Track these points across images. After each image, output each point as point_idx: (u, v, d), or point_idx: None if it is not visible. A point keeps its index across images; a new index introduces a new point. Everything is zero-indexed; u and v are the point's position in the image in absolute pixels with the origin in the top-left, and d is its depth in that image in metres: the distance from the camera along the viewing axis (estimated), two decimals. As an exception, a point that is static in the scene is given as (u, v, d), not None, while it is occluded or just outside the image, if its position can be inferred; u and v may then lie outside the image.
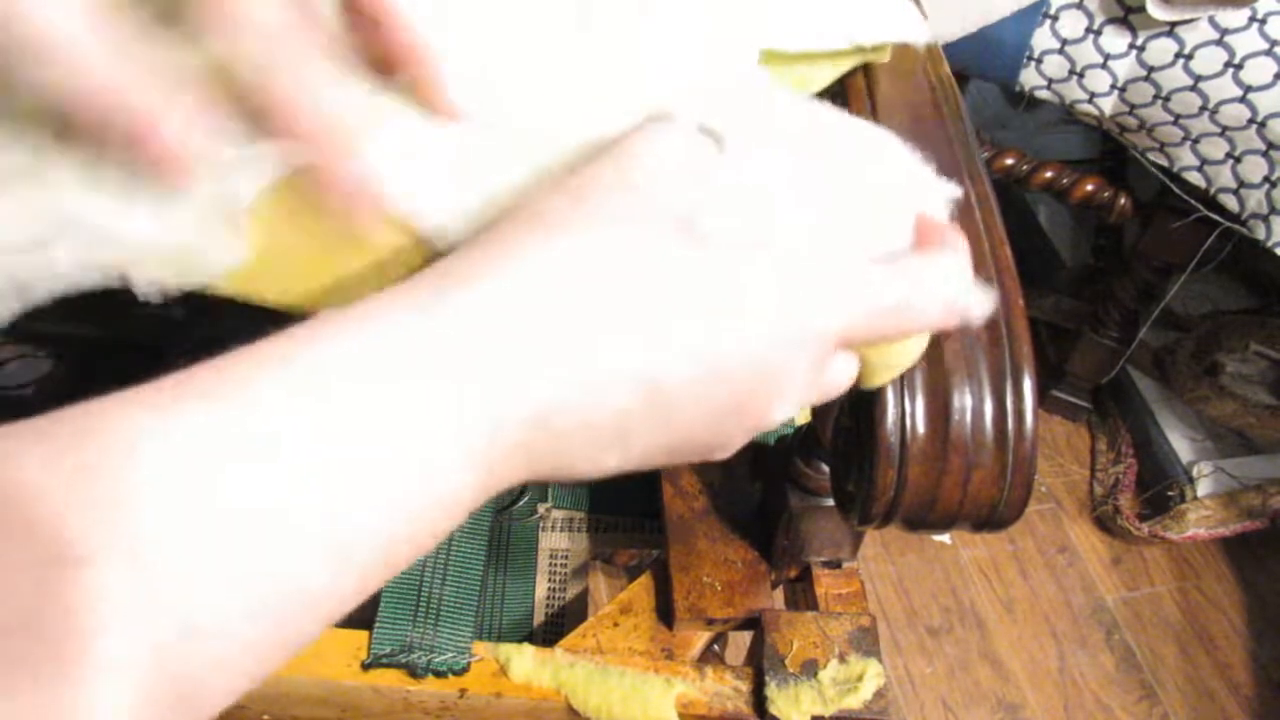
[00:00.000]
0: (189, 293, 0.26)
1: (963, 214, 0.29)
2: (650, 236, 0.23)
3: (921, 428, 0.24)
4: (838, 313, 0.23)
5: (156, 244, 0.25)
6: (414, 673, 0.45)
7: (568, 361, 0.21)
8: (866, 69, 0.36)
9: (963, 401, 0.24)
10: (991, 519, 0.25)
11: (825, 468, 0.39)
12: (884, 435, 0.24)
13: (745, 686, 0.43)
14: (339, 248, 0.26)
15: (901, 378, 0.24)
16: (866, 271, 0.23)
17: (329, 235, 0.26)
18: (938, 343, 0.24)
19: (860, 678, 0.43)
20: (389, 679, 0.45)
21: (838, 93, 0.36)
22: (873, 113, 0.33)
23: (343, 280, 0.27)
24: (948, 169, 0.32)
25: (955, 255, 0.25)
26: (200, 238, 0.25)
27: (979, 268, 0.27)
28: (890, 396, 0.24)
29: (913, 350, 0.25)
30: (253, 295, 0.26)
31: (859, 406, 0.25)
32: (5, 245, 0.24)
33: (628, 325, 0.22)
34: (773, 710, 0.42)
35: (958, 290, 0.24)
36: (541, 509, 0.60)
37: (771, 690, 0.42)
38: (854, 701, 0.43)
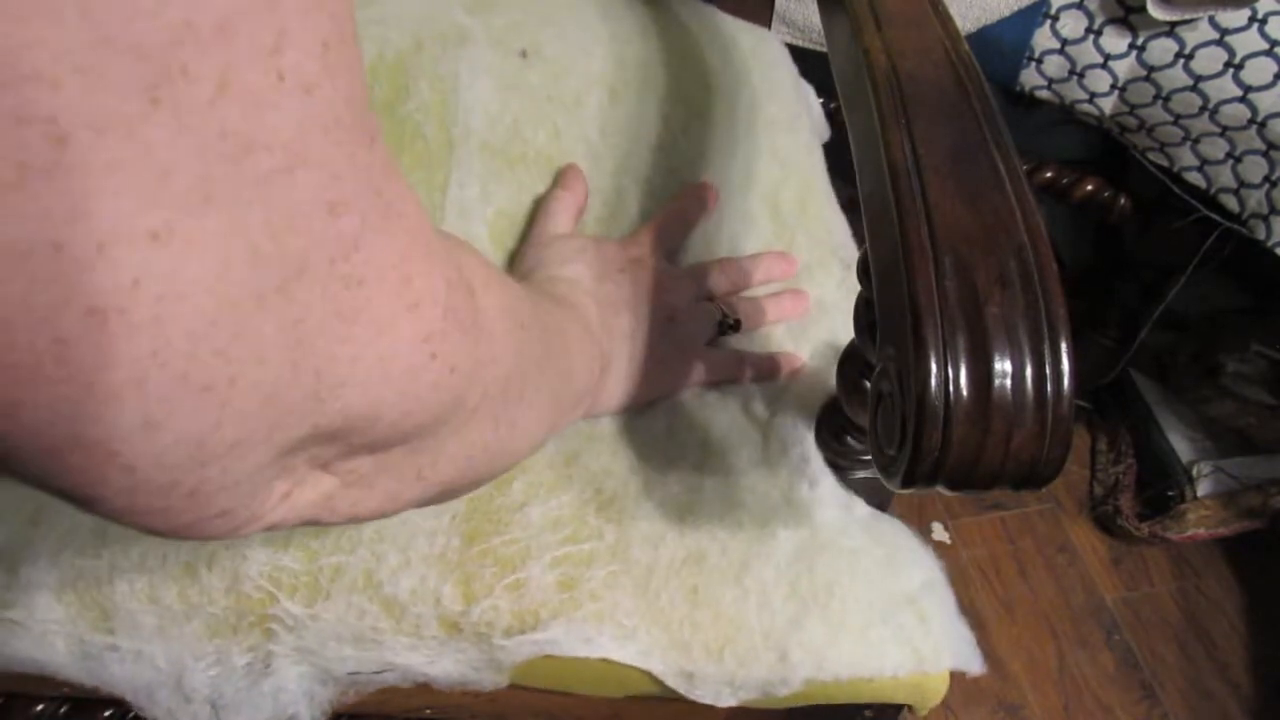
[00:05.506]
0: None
1: (994, 187, 0.29)
2: None
3: (965, 390, 0.24)
4: None
5: (447, 677, 0.39)
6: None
7: None
8: (887, 47, 0.36)
9: (1003, 365, 0.24)
10: (1031, 477, 0.25)
11: (851, 442, 0.39)
12: (929, 399, 0.24)
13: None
14: None
15: (944, 343, 0.24)
16: None
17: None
18: (979, 307, 0.24)
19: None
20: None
21: (859, 70, 0.36)
22: (899, 90, 0.33)
23: None
24: (975, 145, 0.32)
25: None
26: (476, 674, 0.39)
27: (1013, 237, 0.27)
28: (934, 362, 0.24)
29: None
30: None
31: (902, 372, 0.25)
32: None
33: None
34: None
35: None
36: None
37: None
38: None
